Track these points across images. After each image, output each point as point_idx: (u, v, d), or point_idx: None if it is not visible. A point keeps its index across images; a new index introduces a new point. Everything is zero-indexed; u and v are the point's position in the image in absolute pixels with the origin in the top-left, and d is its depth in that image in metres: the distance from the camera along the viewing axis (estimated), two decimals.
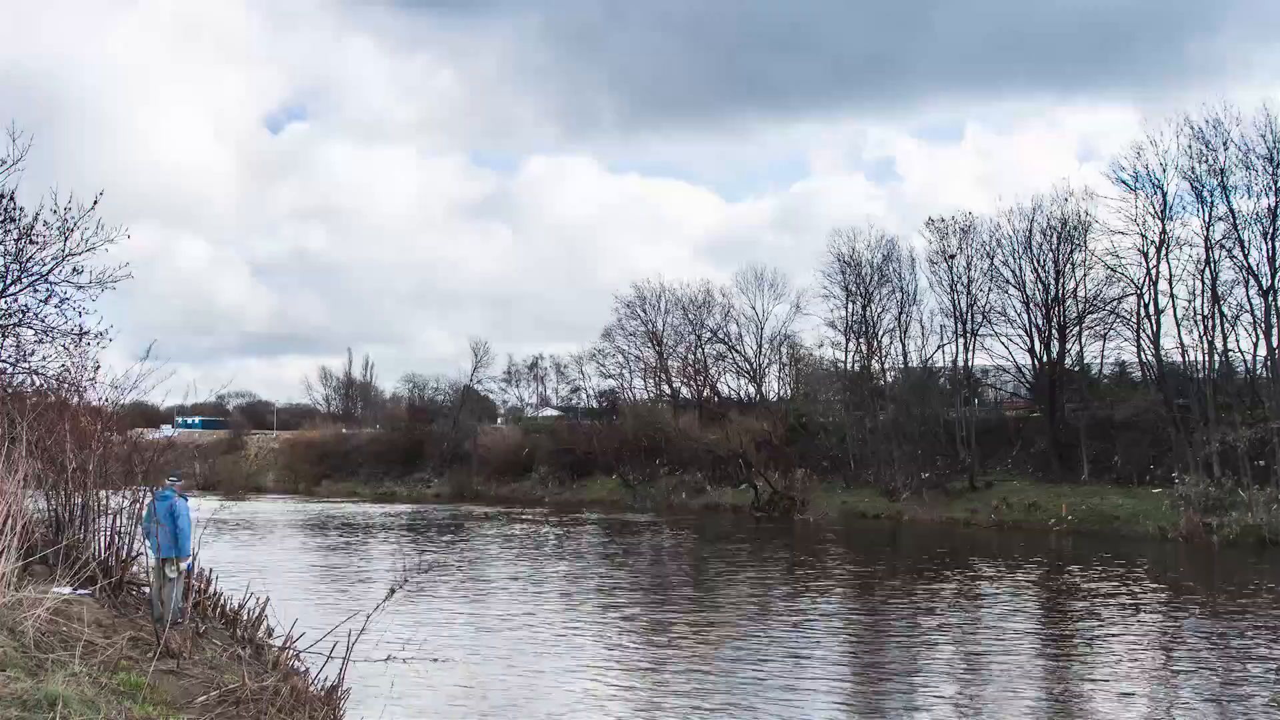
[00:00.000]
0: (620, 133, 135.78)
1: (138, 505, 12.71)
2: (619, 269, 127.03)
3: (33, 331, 15.79)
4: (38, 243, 15.31)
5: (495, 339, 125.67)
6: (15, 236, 15.33)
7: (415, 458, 69.05)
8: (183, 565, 11.61)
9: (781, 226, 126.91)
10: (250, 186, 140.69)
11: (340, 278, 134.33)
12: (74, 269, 15.36)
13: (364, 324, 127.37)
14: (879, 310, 52.41)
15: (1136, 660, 16.79)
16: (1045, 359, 47.94)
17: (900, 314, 51.83)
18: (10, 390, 15.03)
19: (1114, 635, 18.73)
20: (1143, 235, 42.55)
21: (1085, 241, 45.59)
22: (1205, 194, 40.40)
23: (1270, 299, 39.26)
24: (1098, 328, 46.38)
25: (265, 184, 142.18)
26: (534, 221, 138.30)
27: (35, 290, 15.60)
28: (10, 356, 15.76)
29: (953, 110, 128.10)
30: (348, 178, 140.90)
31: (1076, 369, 47.19)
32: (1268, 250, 39.36)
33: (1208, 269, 40.75)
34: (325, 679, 10.43)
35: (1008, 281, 48.25)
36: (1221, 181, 39.88)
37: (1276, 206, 38.83)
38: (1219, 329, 40.86)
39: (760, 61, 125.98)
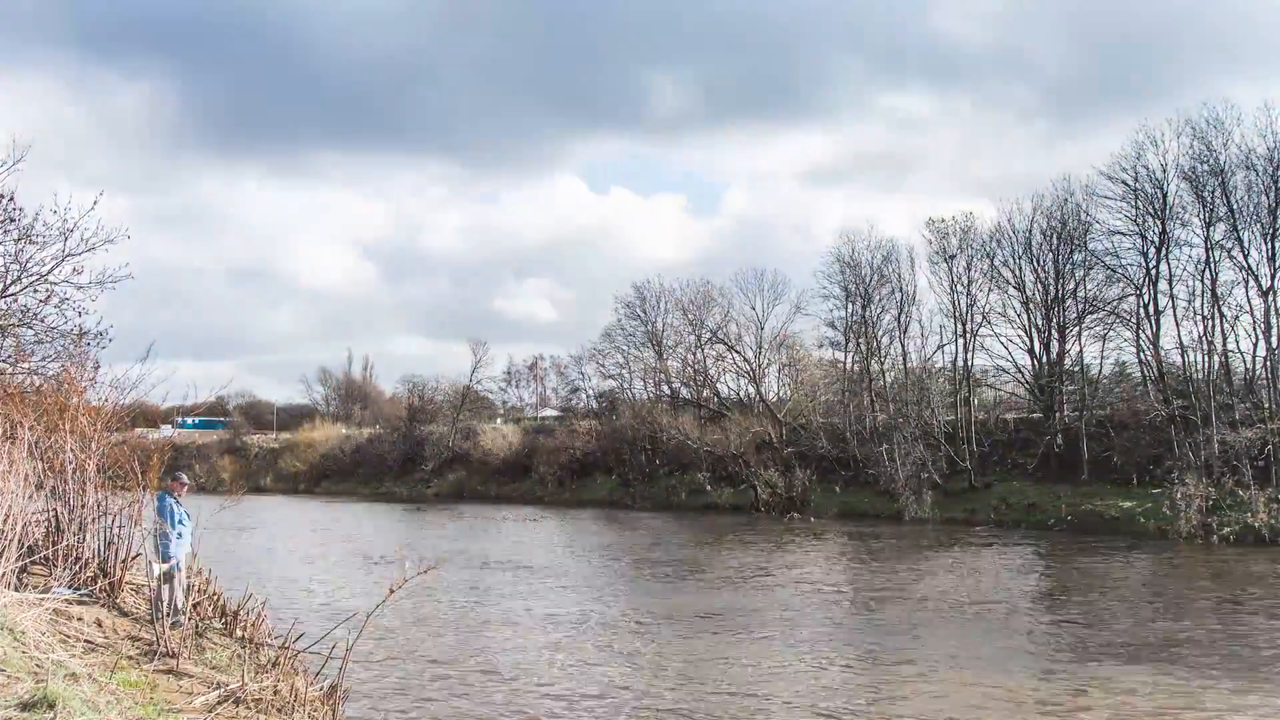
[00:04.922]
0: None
1: (138, 506, 12.71)
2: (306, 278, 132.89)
3: (33, 331, 15.81)
4: (38, 243, 15.34)
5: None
6: (15, 237, 15.35)
7: (414, 458, 69.08)
8: (170, 565, 11.61)
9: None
10: None
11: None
12: (74, 269, 15.40)
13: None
14: (878, 311, 52.48)
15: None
16: (1045, 359, 47.94)
17: (900, 314, 51.89)
18: (10, 390, 15.02)
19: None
20: (1142, 235, 42.64)
21: (1085, 242, 45.67)
22: (1205, 194, 40.49)
23: (1270, 299, 39.30)
24: (1097, 328, 46.36)
25: None
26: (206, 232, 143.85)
27: (35, 290, 15.61)
28: (10, 356, 15.76)
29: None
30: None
31: (1076, 369, 47.18)
32: (1268, 250, 39.42)
33: (1208, 269, 40.81)
34: (325, 679, 10.44)
35: (1007, 282, 48.33)
36: (1222, 181, 39.94)
37: (1276, 207, 38.90)
38: (1219, 329, 40.90)
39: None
